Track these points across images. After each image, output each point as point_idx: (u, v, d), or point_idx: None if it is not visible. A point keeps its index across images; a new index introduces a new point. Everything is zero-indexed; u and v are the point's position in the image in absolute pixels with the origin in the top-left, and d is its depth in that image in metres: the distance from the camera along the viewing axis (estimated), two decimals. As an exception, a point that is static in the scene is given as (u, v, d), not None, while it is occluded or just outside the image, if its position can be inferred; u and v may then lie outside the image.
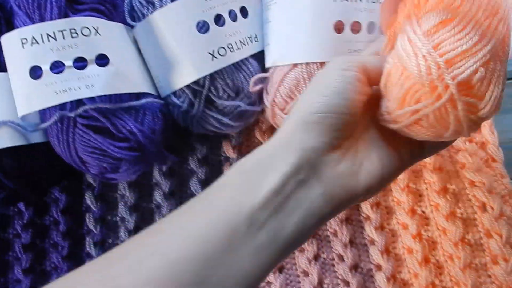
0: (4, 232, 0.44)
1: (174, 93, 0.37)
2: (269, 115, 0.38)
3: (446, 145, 0.32)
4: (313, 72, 0.34)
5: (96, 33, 0.34)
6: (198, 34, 0.35)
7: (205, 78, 0.36)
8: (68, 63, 0.34)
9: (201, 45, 0.35)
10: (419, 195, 0.43)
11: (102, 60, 0.35)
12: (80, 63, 0.34)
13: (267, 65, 0.36)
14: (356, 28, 0.34)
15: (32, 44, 0.33)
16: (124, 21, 0.38)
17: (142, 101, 0.36)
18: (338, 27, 0.34)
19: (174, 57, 0.36)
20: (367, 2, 0.35)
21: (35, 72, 0.33)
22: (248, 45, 0.37)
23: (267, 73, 0.36)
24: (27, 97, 0.34)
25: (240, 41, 0.37)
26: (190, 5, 0.35)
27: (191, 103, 0.37)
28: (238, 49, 0.37)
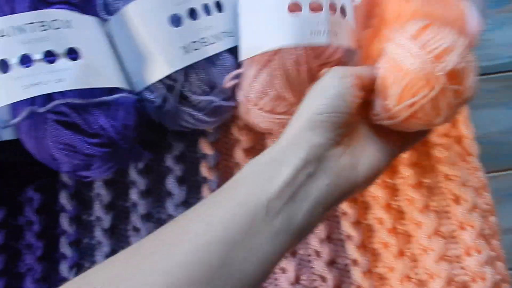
0: (-24, 234, 0.43)
1: (148, 88, 0.37)
2: (243, 111, 0.38)
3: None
4: (288, 69, 0.34)
5: (68, 26, 0.34)
6: (171, 28, 0.35)
7: (179, 73, 0.36)
8: (38, 57, 0.33)
9: (174, 39, 0.35)
10: (395, 190, 0.43)
11: (73, 54, 0.34)
12: (50, 57, 0.34)
13: (240, 59, 0.36)
14: (316, 8, 0.34)
15: (1, 37, 0.33)
16: (98, 15, 0.37)
17: (115, 96, 0.36)
18: (294, 8, 0.33)
19: (147, 52, 0.36)
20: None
21: (3, 66, 0.33)
22: (223, 40, 0.37)
23: (242, 69, 0.36)
24: (-5, 92, 0.33)
25: (215, 36, 0.37)
26: (163, -1, 0.35)
27: (165, 98, 0.37)
28: (212, 44, 0.36)
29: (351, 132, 0.32)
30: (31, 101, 0.34)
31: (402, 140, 0.34)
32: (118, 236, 0.44)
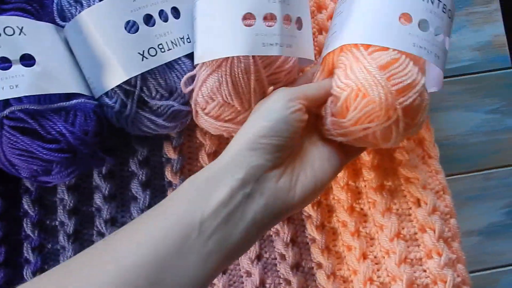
0: None
1: (106, 94, 0.37)
2: (194, 115, 0.38)
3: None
4: (236, 77, 0.34)
5: (21, 33, 0.34)
6: (127, 34, 0.35)
7: (137, 78, 0.36)
8: (-9, 64, 0.33)
9: (131, 46, 0.35)
10: (358, 193, 0.43)
11: (28, 61, 0.34)
12: (4, 64, 0.34)
13: (195, 63, 0.36)
14: (271, 18, 0.34)
15: (-46, 45, 0.32)
16: (54, 21, 0.37)
17: (73, 102, 0.36)
18: (248, 19, 0.33)
19: (104, 58, 0.36)
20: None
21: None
22: (180, 46, 0.37)
23: (194, 72, 0.36)
24: (-51, 99, 0.33)
25: (172, 42, 0.37)
26: (118, 5, 0.35)
27: (124, 104, 0.37)
28: (170, 50, 0.36)
29: (293, 152, 0.32)
30: (-13, 108, 0.34)
31: (345, 153, 0.35)
32: (82, 241, 0.43)
